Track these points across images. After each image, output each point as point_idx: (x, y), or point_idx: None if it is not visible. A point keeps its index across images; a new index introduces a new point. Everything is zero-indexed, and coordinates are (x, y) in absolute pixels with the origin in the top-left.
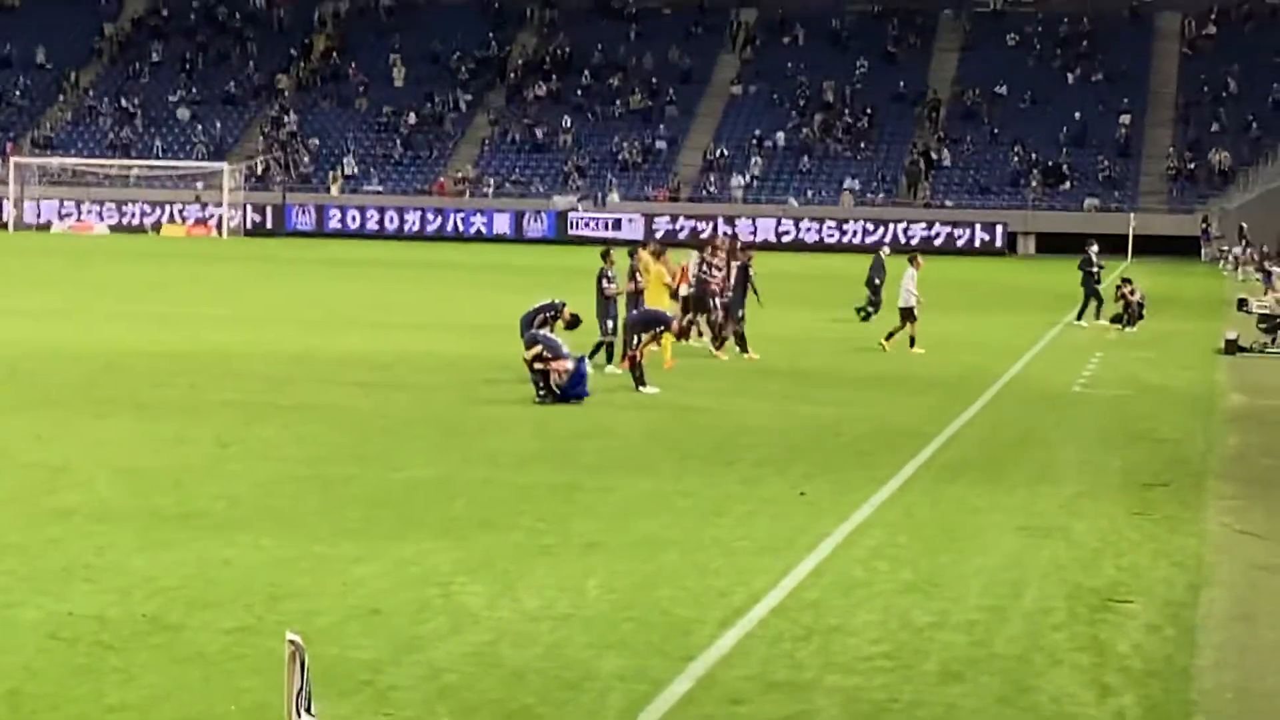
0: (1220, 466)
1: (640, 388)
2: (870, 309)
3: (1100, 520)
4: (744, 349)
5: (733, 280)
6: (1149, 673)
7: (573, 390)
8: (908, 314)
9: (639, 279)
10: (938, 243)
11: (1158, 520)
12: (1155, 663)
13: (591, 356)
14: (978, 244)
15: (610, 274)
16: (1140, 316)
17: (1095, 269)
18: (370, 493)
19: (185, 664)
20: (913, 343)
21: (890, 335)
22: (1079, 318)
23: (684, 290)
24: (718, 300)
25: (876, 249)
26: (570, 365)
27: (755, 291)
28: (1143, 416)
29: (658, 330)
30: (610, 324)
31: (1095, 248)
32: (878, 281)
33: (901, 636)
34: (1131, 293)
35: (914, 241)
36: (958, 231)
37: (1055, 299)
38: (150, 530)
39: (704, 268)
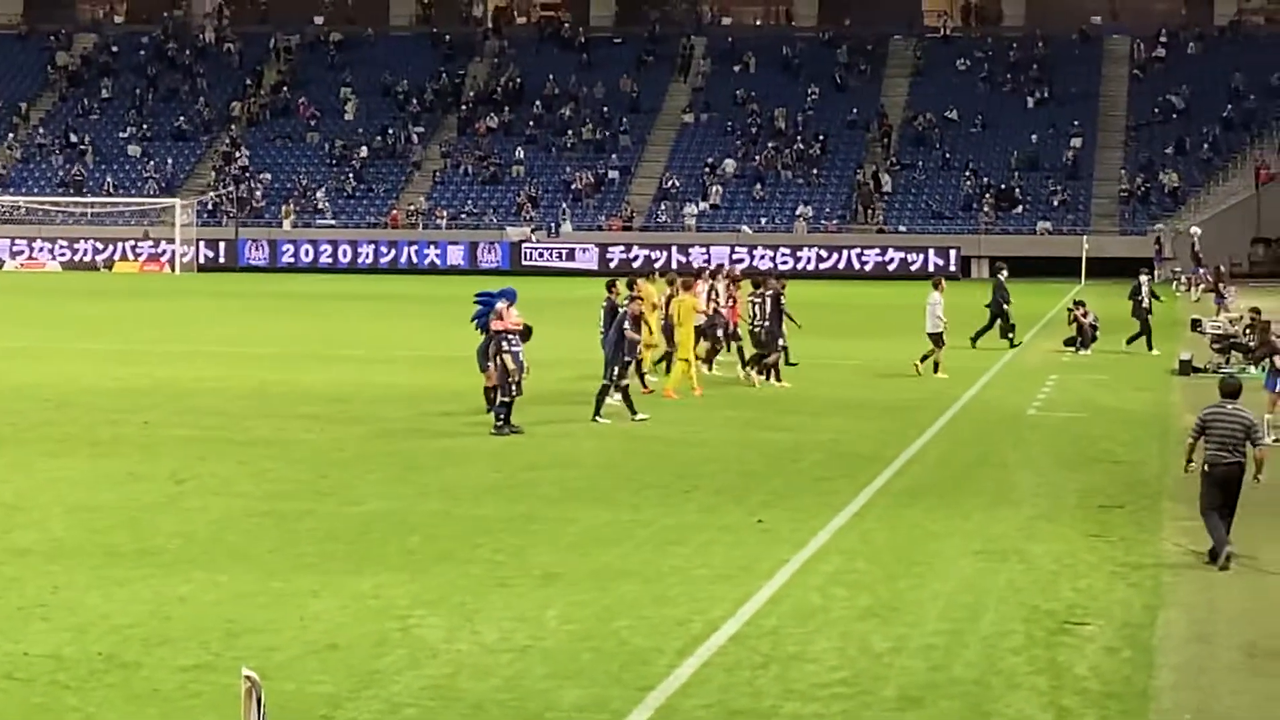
0: (1175, 488)
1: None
2: (1009, 333)
3: (1057, 543)
4: (778, 378)
5: (767, 310)
6: (1107, 694)
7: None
8: (937, 339)
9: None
10: (891, 268)
11: (1114, 542)
12: (1113, 684)
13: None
14: (931, 269)
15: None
16: (1094, 339)
17: (1145, 299)
18: (327, 527)
19: (142, 702)
20: (936, 368)
21: (924, 358)
22: (1146, 345)
23: (700, 320)
24: (722, 330)
25: (995, 273)
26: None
27: (791, 318)
28: (1098, 439)
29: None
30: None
31: (1145, 277)
32: (1005, 305)
33: (860, 663)
34: (1084, 315)
35: (868, 267)
36: (911, 256)
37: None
38: (106, 568)
39: (715, 296)
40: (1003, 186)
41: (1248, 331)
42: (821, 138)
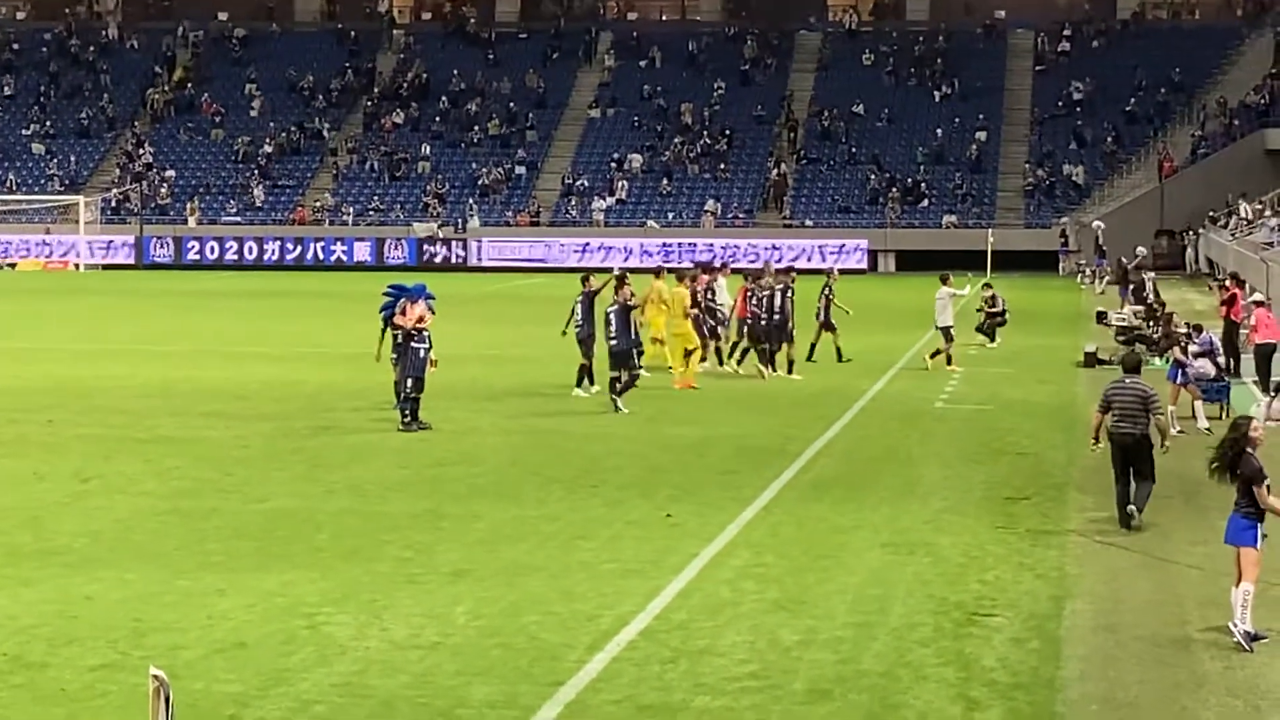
0: (1081, 479)
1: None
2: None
3: (964, 535)
4: (773, 366)
5: (778, 304)
6: (1015, 685)
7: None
8: (947, 333)
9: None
10: (799, 262)
11: (1021, 534)
12: (1021, 675)
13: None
14: (833, 262)
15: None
16: (1002, 323)
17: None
18: (233, 525)
19: (49, 702)
20: (950, 360)
21: (935, 354)
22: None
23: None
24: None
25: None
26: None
27: (843, 309)
28: (1004, 431)
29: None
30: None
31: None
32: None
33: (769, 656)
34: (991, 300)
35: (780, 263)
36: (818, 250)
37: (916, 316)
38: (10, 568)
39: (751, 296)
40: (908, 180)
41: (1148, 324)
42: (728, 132)
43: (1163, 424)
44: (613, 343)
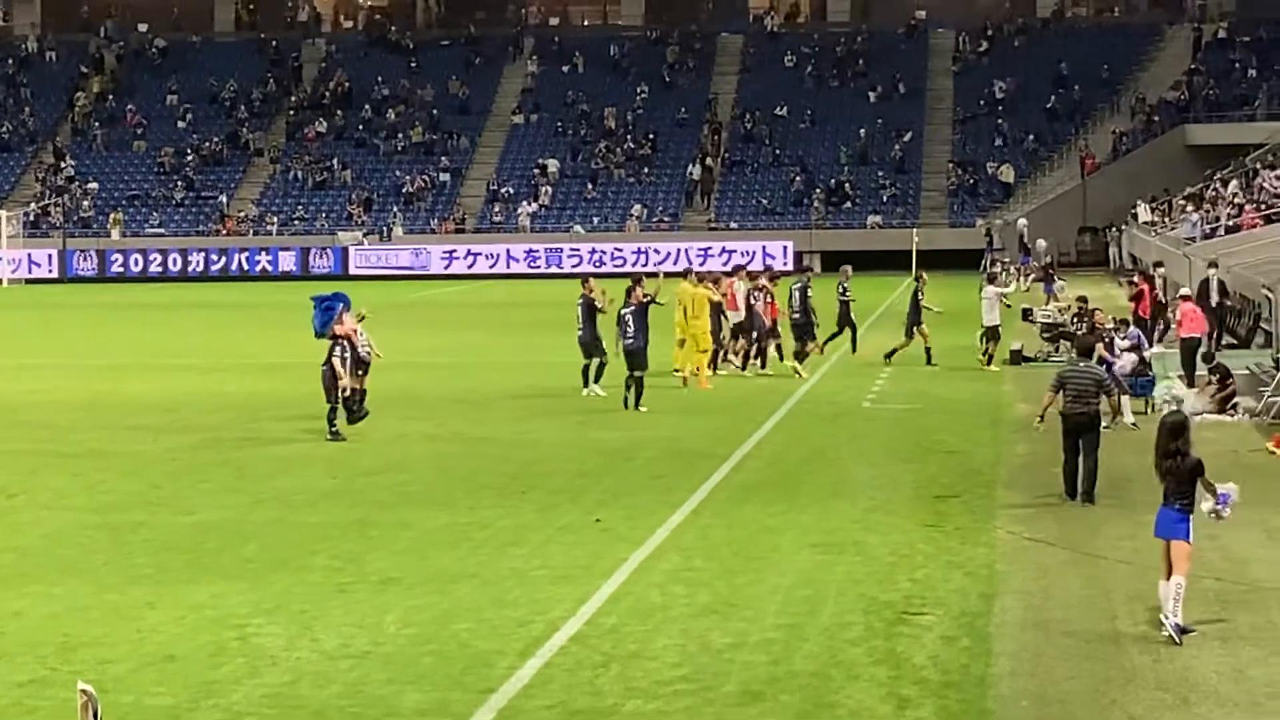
0: (1009, 476)
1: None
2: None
3: (893, 534)
4: (764, 364)
5: (796, 304)
6: (946, 683)
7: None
8: (993, 332)
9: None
10: (725, 264)
11: (950, 532)
12: (952, 673)
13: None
14: (764, 265)
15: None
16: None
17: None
18: (161, 538)
19: None
20: (990, 360)
21: (987, 355)
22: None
23: (735, 317)
24: (766, 324)
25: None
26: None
27: (930, 308)
28: (932, 429)
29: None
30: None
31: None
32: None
33: (701, 659)
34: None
35: (705, 264)
36: (744, 253)
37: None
38: None
39: (753, 295)
40: (833, 181)
41: (1075, 320)
42: (652, 136)
43: (1114, 404)
44: (629, 342)
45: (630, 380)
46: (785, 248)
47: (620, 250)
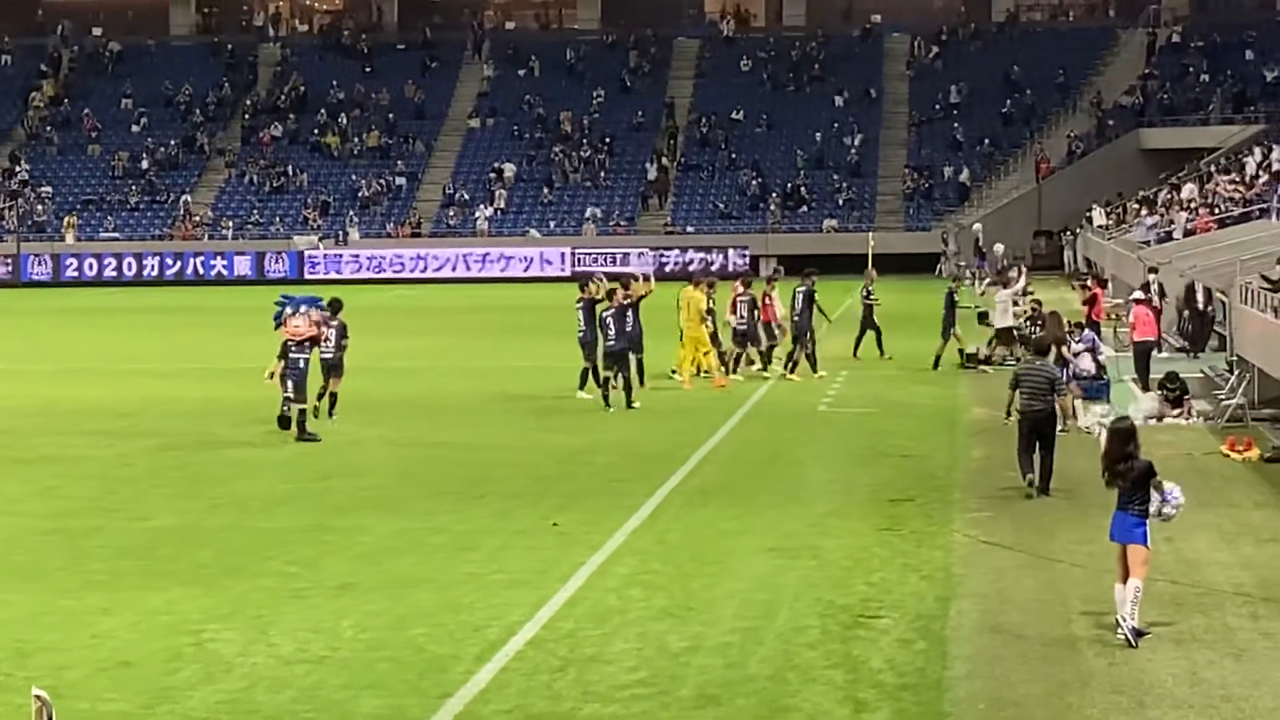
0: (965, 480)
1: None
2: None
3: (850, 538)
4: (814, 369)
5: (798, 307)
6: (902, 686)
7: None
8: (1006, 335)
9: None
10: (680, 268)
11: (906, 535)
12: (908, 676)
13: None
14: (718, 269)
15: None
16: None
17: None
18: (116, 544)
19: None
20: (1004, 361)
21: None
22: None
23: (735, 323)
24: (775, 328)
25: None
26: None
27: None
28: (888, 433)
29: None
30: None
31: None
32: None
33: (658, 663)
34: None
35: (668, 268)
36: (700, 256)
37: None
38: None
39: (765, 299)
40: (789, 185)
41: (1028, 323)
42: (608, 140)
43: (1065, 405)
44: (610, 344)
45: (607, 380)
46: (742, 251)
47: (576, 254)
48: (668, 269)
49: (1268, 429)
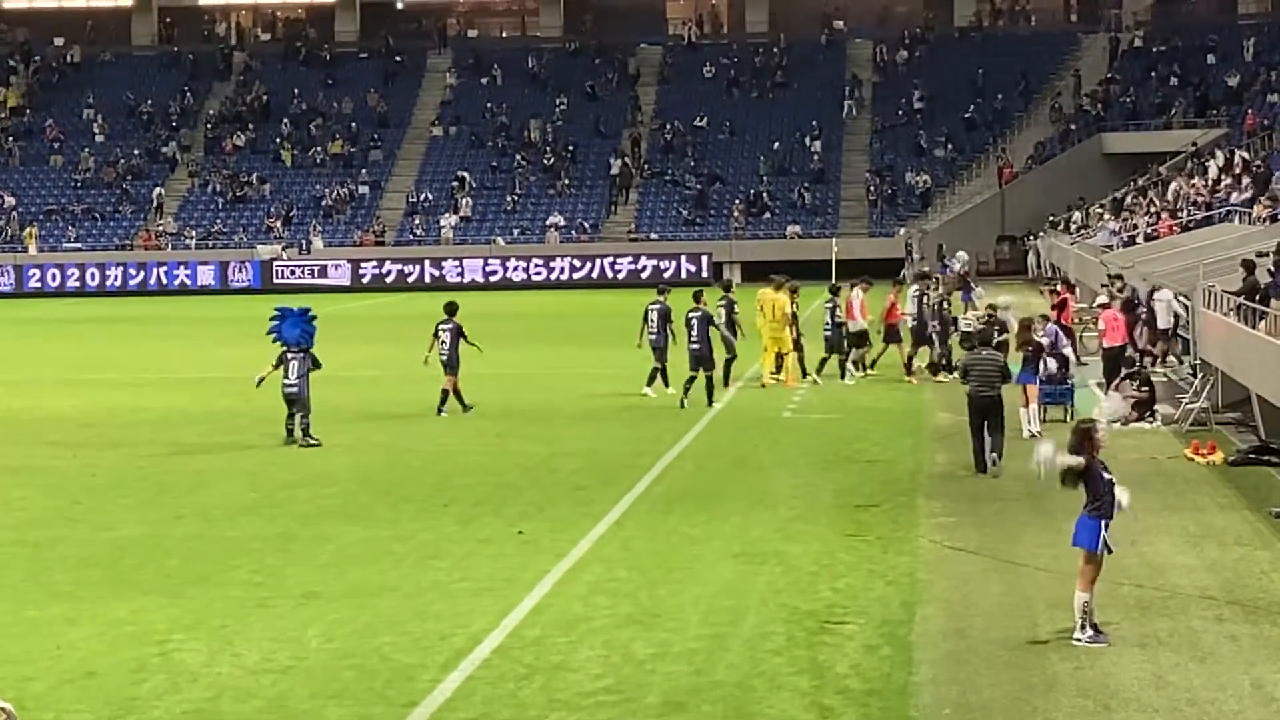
0: (930, 485)
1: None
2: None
3: (815, 544)
4: (935, 374)
5: (915, 308)
6: (868, 692)
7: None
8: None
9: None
10: (645, 275)
11: (871, 541)
12: (874, 682)
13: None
14: (684, 275)
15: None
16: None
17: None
18: (80, 554)
19: None
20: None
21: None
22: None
23: (855, 326)
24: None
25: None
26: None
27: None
28: (853, 439)
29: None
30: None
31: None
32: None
33: (624, 670)
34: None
35: (621, 275)
36: (664, 264)
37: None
38: None
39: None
40: (752, 192)
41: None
42: (571, 148)
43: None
44: (694, 346)
45: (689, 381)
46: (705, 258)
47: (539, 262)
48: (621, 276)
49: (1231, 433)
